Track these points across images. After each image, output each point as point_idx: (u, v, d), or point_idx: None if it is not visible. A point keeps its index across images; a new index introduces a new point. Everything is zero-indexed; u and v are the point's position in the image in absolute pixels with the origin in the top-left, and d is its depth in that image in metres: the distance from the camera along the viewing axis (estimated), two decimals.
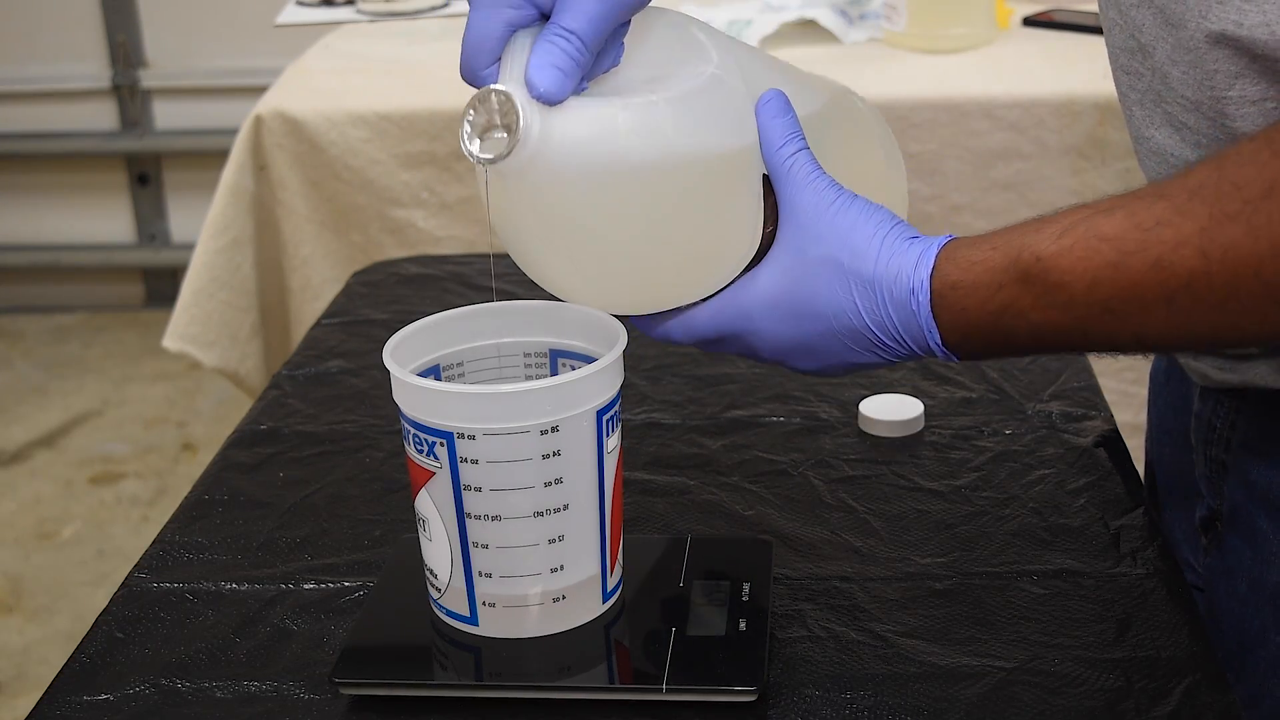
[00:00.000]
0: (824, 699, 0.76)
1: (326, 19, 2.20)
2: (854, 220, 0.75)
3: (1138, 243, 0.67)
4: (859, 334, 0.75)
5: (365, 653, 0.79)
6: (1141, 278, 0.67)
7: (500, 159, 0.73)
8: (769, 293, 0.77)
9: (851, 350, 0.76)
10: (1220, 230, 0.65)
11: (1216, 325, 0.67)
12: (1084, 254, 0.68)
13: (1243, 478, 0.89)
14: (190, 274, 1.78)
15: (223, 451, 1.05)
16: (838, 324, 0.75)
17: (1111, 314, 0.68)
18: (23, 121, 3.36)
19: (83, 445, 2.88)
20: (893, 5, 1.87)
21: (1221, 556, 0.92)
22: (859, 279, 0.74)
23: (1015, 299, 0.71)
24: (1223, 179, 0.65)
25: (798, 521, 0.93)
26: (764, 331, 0.77)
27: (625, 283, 0.79)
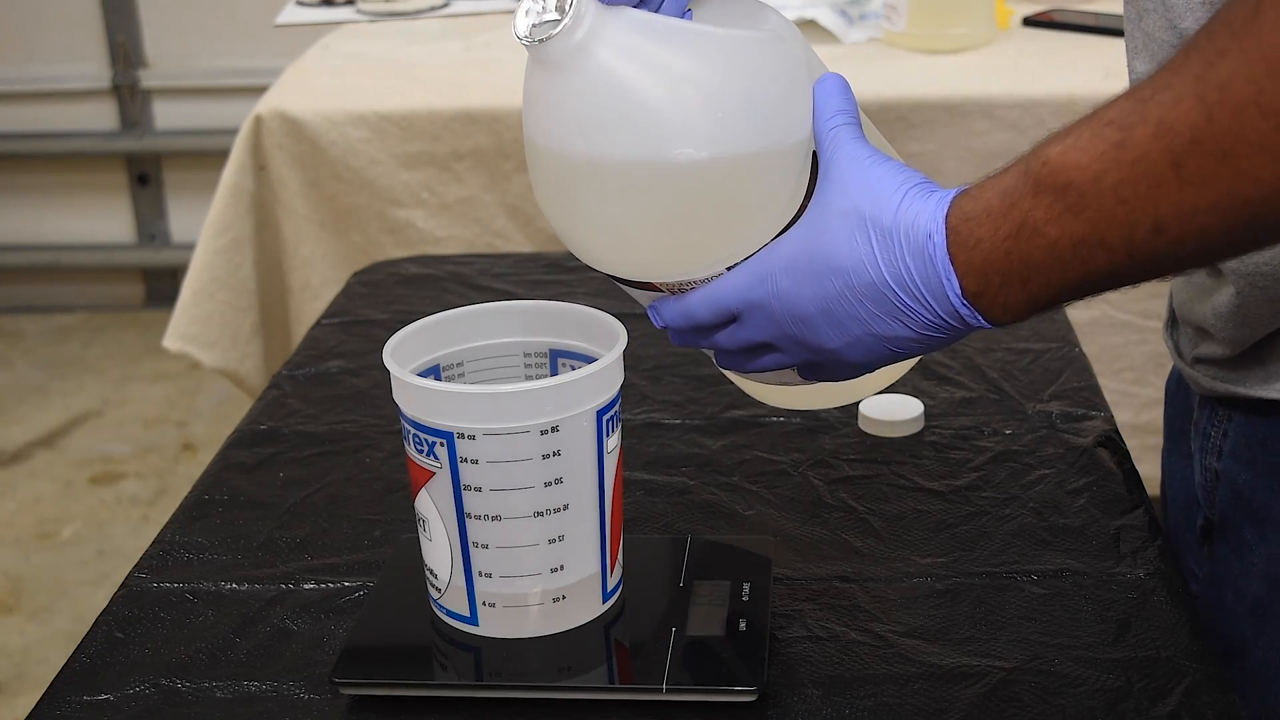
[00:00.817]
0: (824, 699, 0.76)
1: (326, 19, 2.20)
2: (881, 174, 0.73)
3: (1138, 114, 0.64)
4: (877, 291, 0.71)
5: (365, 653, 0.79)
6: (1146, 148, 0.63)
7: (550, 39, 0.70)
8: (791, 249, 0.74)
9: (873, 316, 0.72)
10: (1213, 72, 0.62)
11: (1233, 189, 0.63)
12: (1089, 143, 0.65)
13: (1231, 487, 0.89)
14: (190, 274, 1.78)
15: (223, 451, 1.05)
16: (856, 279, 0.71)
17: (1124, 203, 0.65)
18: (23, 121, 3.36)
19: (83, 445, 2.87)
20: (893, 5, 1.87)
21: (1214, 565, 0.92)
22: (878, 228, 0.71)
23: (1028, 214, 0.67)
24: (1212, 24, 0.63)
25: (798, 521, 0.93)
26: (784, 293, 0.74)
27: (649, 232, 0.74)
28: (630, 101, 0.70)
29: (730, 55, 0.72)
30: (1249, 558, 0.88)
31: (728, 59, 0.72)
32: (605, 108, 0.71)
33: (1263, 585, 0.87)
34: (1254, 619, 0.88)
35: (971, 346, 1.14)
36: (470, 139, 1.76)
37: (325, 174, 1.78)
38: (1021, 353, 1.13)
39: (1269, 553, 0.87)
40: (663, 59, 0.70)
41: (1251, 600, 0.88)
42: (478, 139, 1.76)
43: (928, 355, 1.12)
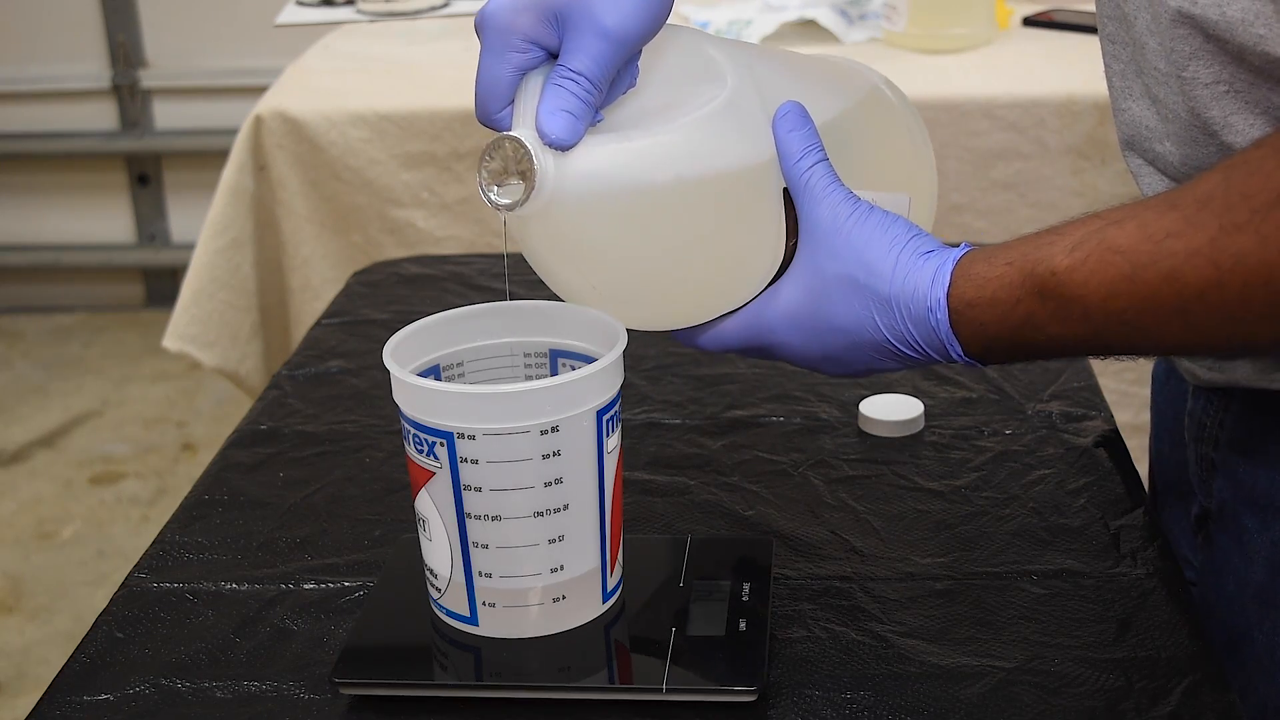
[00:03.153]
0: (824, 699, 0.76)
1: (326, 19, 2.21)
2: (869, 236, 0.76)
3: (1150, 255, 0.67)
4: (881, 347, 0.77)
5: (365, 653, 0.79)
6: (1155, 290, 0.67)
7: (519, 205, 0.74)
8: (790, 308, 0.78)
9: (876, 359, 0.78)
10: (1230, 240, 0.65)
11: (1232, 334, 0.68)
12: (1098, 267, 0.69)
13: (1230, 476, 0.90)
14: (190, 274, 1.78)
15: (223, 451, 1.05)
16: (860, 338, 0.77)
17: (1127, 325, 0.69)
18: (23, 121, 3.36)
19: (83, 445, 2.88)
20: (893, 5, 1.87)
21: (1212, 554, 0.93)
22: (876, 297, 0.75)
23: (1032, 313, 0.72)
24: (1230, 189, 0.66)
25: (798, 521, 0.93)
26: (789, 344, 0.79)
27: (654, 304, 0.81)
28: (604, 239, 0.77)
29: (690, 152, 0.75)
30: (1251, 545, 0.88)
31: (690, 157, 0.75)
32: (582, 248, 0.78)
33: (1266, 572, 0.88)
34: (1259, 605, 0.89)
35: None
36: (470, 139, 1.76)
37: (325, 174, 1.78)
38: None
39: (1272, 539, 0.87)
40: (627, 188, 0.75)
41: (1256, 587, 0.88)
42: (478, 139, 1.76)
43: None
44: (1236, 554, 0.90)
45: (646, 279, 0.79)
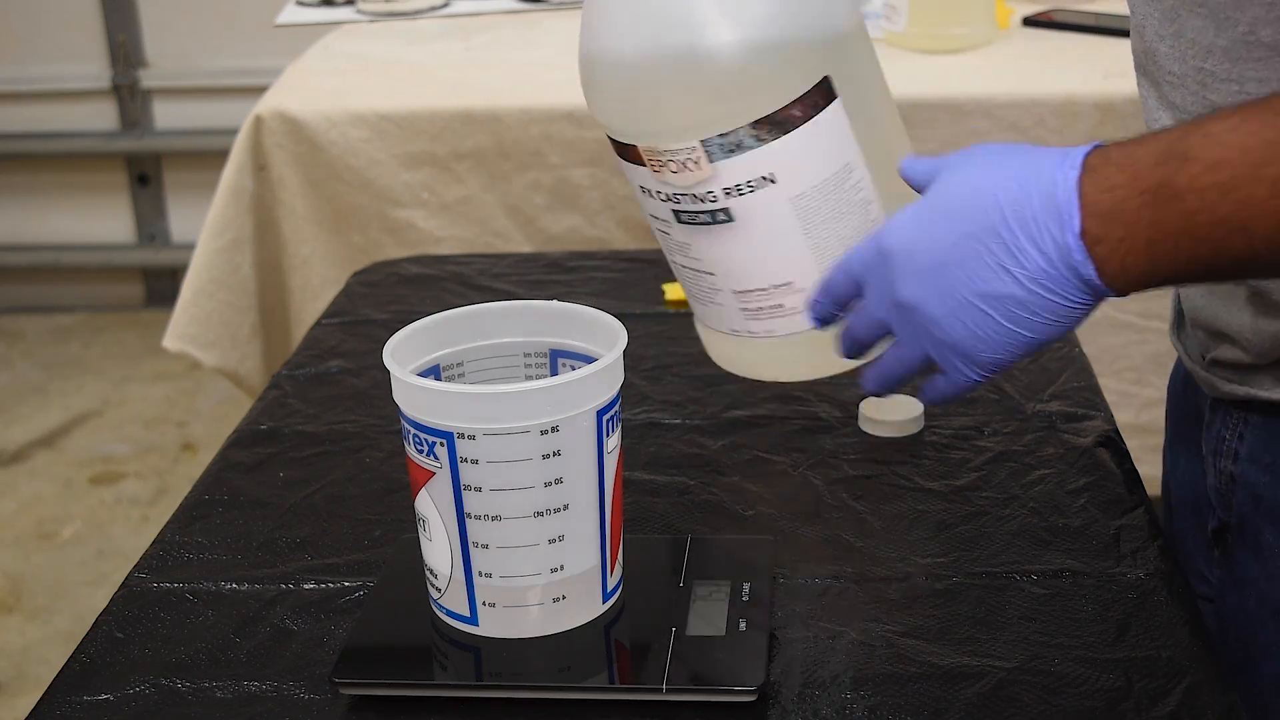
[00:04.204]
0: (824, 699, 0.76)
1: (326, 19, 2.20)
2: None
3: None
4: (994, 230, 0.71)
5: (365, 653, 0.79)
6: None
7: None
8: (911, 208, 0.77)
9: (983, 265, 0.72)
10: None
11: None
12: (1258, 129, 0.65)
13: (1250, 491, 0.89)
14: (190, 274, 1.78)
15: (223, 451, 1.05)
16: (974, 221, 0.72)
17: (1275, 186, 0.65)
18: (23, 121, 3.36)
19: (83, 445, 2.88)
20: (893, 5, 1.87)
21: (1230, 569, 0.92)
22: (1010, 155, 0.73)
23: (1173, 176, 0.67)
24: None
25: (798, 521, 0.93)
26: (899, 247, 0.75)
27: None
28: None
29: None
30: (1274, 561, 0.87)
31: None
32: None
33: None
34: (1278, 622, 0.88)
35: None
36: (470, 139, 1.76)
37: (325, 174, 1.78)
38: None
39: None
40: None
41: (1276, 604, 0.87)
42: (478, 139, 1.76)
43: None
44: (1258, 570, 0.89)
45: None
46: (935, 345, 0.76)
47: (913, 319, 0.76)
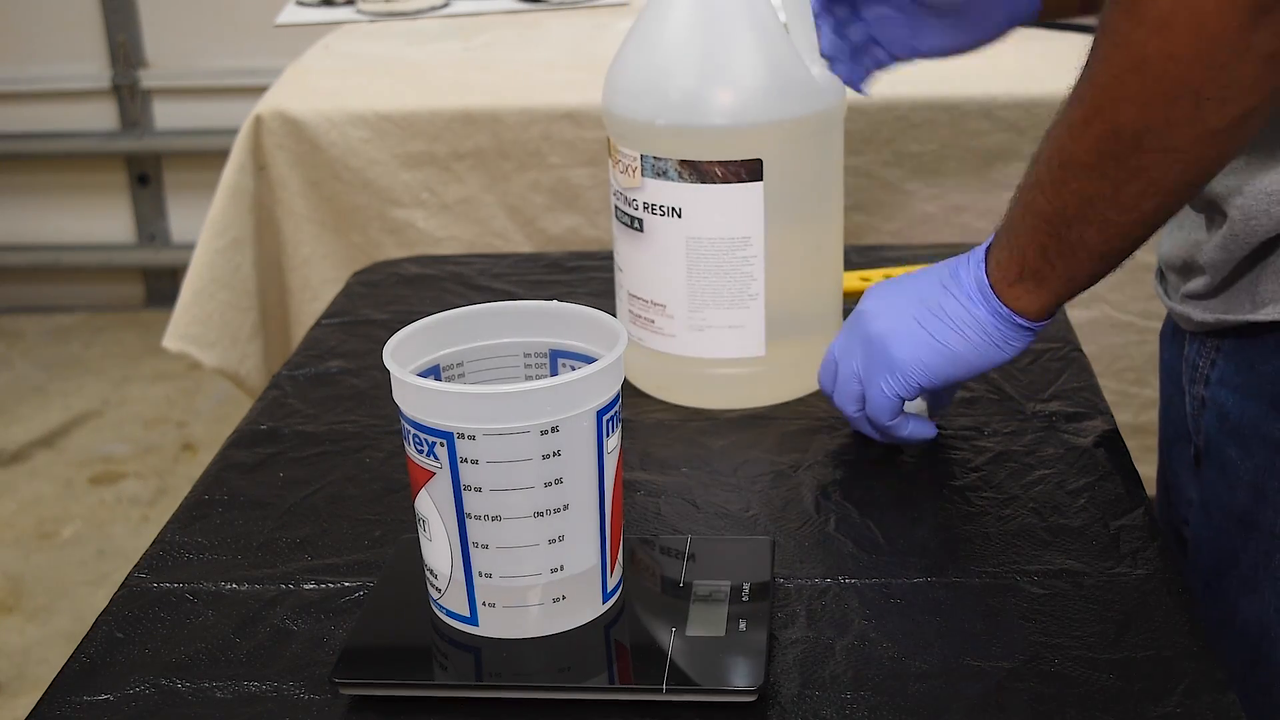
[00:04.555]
0: (824, 699, 0.76)
1: (326, 19, 2.20)
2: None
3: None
4: (944, 262, 0.93)
5: (365, 653, 0.79)
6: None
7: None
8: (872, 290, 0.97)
9: (930, 285, 0.92)
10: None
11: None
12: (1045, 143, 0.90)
13: (1217, 411, 0.95)
14: (190, 274, 1.78)
15: (223, 451, 1.05)
16: (930, 271, 0.94)
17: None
18: (23, 121, 3.36)
19: (83, 445, 2.88)
20: None
21: (1201, 489, 0.98)
22: (933, 269, 0.94)
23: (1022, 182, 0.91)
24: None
25: (798, 521, 0.93)
26: (872, 290, 0.96)
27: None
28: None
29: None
30: (1234, 474, 0.93)
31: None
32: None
33: (1249, 496, 0.92)
34: (1241, 528, 0.93)
35: None
36: (470, 139, 1.76)
37: (325, 174, 1.78)
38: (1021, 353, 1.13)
39: (1254, 465, 0.92)
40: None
41: (1239, 512, 0.93)
42: (478, 139, 1.76)
43: None
44: (1222, 485, 0.94)
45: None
46: (864, 346, 0.95)
47: (857, 322, 0.96)
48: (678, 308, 1.05)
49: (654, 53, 1.03)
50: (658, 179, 1.02)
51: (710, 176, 1.01)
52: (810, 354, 1.09)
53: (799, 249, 1.06)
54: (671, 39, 1.02)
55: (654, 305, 1.06)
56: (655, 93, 1.01)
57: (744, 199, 1.02)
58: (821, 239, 1.08)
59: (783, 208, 1.02)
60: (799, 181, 1.03)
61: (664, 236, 1.03)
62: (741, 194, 1.01)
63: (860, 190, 1.72)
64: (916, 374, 0.92)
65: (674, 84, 1.01)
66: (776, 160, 1.01)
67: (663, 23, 1.02)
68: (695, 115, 1.00)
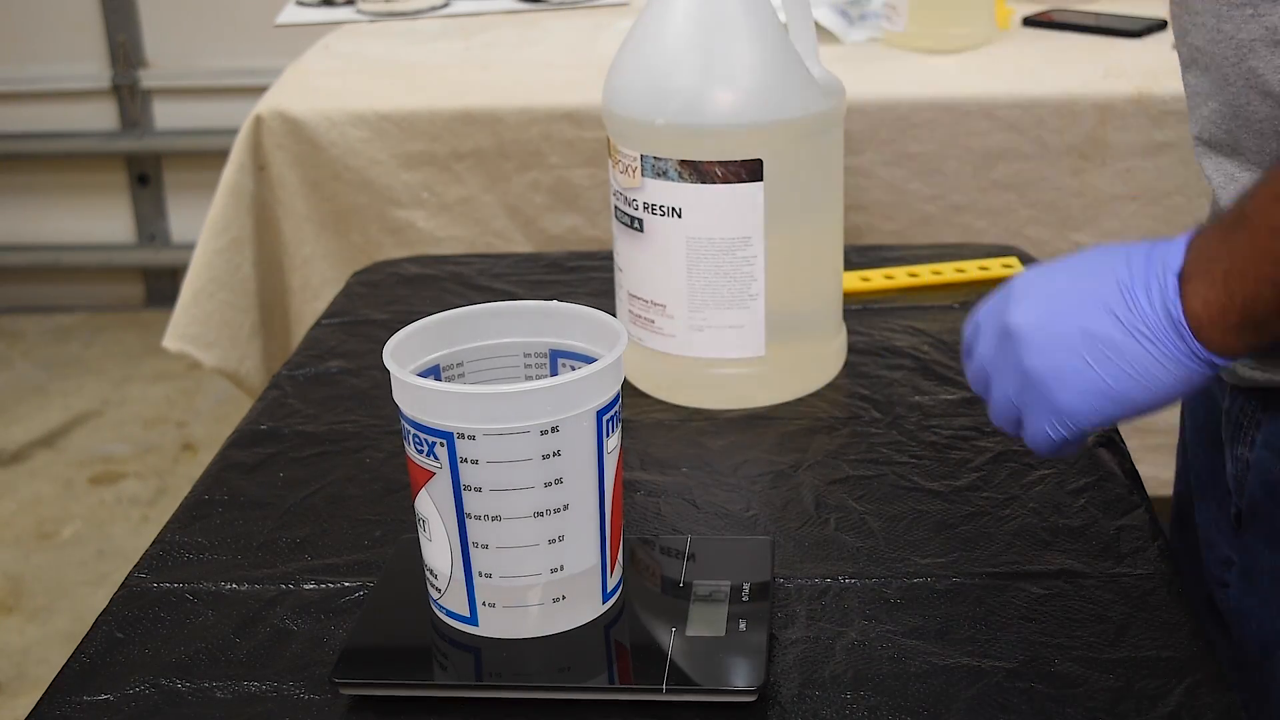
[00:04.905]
0: (824, 699, 0.76)
1: (326, 19, 2.20)
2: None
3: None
4: (1113, 273, 0.74)
5: (365, 653, 0.79)
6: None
7: None
8: (1027, 272, 0.79)
9: (1093, 303, 0.74)
10: None
11: None
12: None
13: (1262, 477, 0.89)
14: (190, 274, 1.78)
15: (223, 451, 1.05)
16: (1098, 265, 0.75)
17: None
18: (23, 121, 3.36)
19: (83, 445, 2.88)
20: (893, 5, 1.87)
21: (1244, 555, 0.92)
22: (1134, 244, 0.76)
23: (1242, 206, 0.72)
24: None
25: (798, 521, 0.93)
26: (1020, 282, 0.78)
27: None
28: None
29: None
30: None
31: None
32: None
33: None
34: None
35: None
36: (470, 139, 1.76)
37: (325, 174, 1.78)
38: None
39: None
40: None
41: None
42: (478, 139, 1.76)
43: (930, 357, 1.12)
44: (1268, 553, 0.89)
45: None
46: (1021, 379, 0.77)
47: (1011, 348, 0.77)
48: (678, 308, 1.05)
49: (654, 53, 1.03)
50: (658, 179, 1.02)
51: (710, 176, 1.01)
52: (810, 354, 1.09)
53: (799, 249, 1.06)
54: (671, 39, 1.02)
55: (654, 305, 1.06)
56: (655, 93, 1.01)
57: (744, 199, 1.02)
58: (821, 239, 1.08)
59: (783, 208, 1.02)
60: (799, 181, 1.03)
61: (664, 236, 1.03)
62: (741, 194, 1.01)
63: (860, 190, 1.72)
64: (1088, 420, 0.76)
65: (674, 84, 1.01)
66: (776, 160, 1.01)
67: (663, 23, 1.02)
68: (695, 115, 1.00)
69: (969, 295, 1.24)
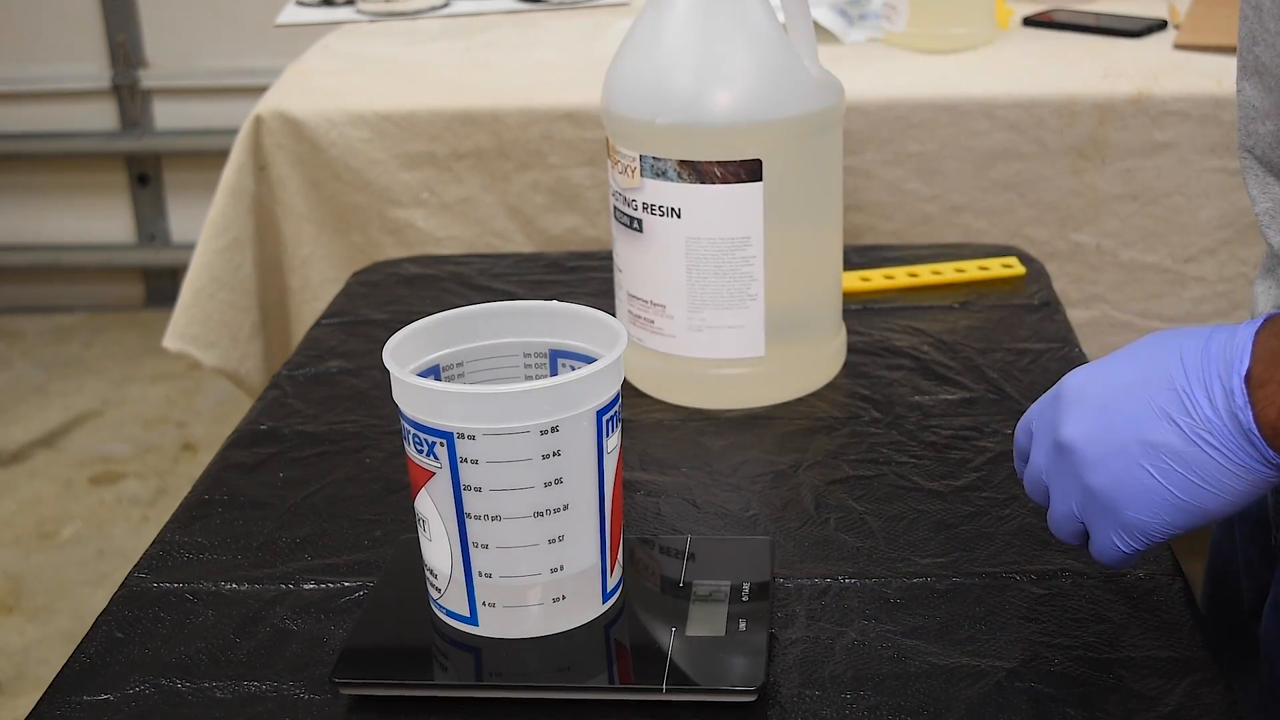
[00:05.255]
0: (824, 699, 0.76)
1: (326, 19, 2.20)
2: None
3: None
4: (1168, 375, 0.68)
5: (365, 653, 0.79)
6: None
7: None
8: (1103, 358, 0.74)
9: (1150, 410, 0.69)
10: None
11: None
12: None
13: None
14: (190, 274, 1.78)
15: (223, 451, 1.05)
16: (1152, 366, 0.69)
17: None
18: (23, 121, 3.36)
19: (83, 445, 2.88)
20: (893, 5, 1.87)
21: (1275, 587, 0.91)
22: (1180, 335, 0.71)
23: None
24: None
25: (798, 521, 0.93)
26: (1072, 385, 0.73)
27: None
28: None
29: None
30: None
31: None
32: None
33: None
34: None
35: (971, 347, 1.14)
36: (470, 139, 1.76)
37: (325, 174, 1.78)
38: (1021, 353, 1.13)
39: None
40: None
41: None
42: (478, 139, 1.76)
43: (930, 357, 1.12)
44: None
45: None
46: (1083, 494, 0.73)
47: (1068, 461, 0.73)
48: (677, 308, 1.05)
49: (654, 53, 1.03)
50: (657, 179, 1.02)
51: (710, 177, 1.01)
52: (810, 354, 1.09)
53: (799, 249, 1.06)
54: (671, 39, 1.02)
55: (654, 305, 1.06)
56: (655, 93, 1.01)
57: (744, 199, 1.02)
58: (821, 239, 1.08)
59: (782, 208, 1.02)
60: (799, 181, 1.03)
61: (663, 237, 1.04)
62: (741, 194, 1.01)
63: (860, 190, 1.72)
64: (1159, 533, 0.72)
65: (674, 84, 1.01)
66: (776, 160, 1.01)
67: (662, 22, 1.02)
68: (695, 115, 1.00)
69: (969, 295, 1.24)
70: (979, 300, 1.23)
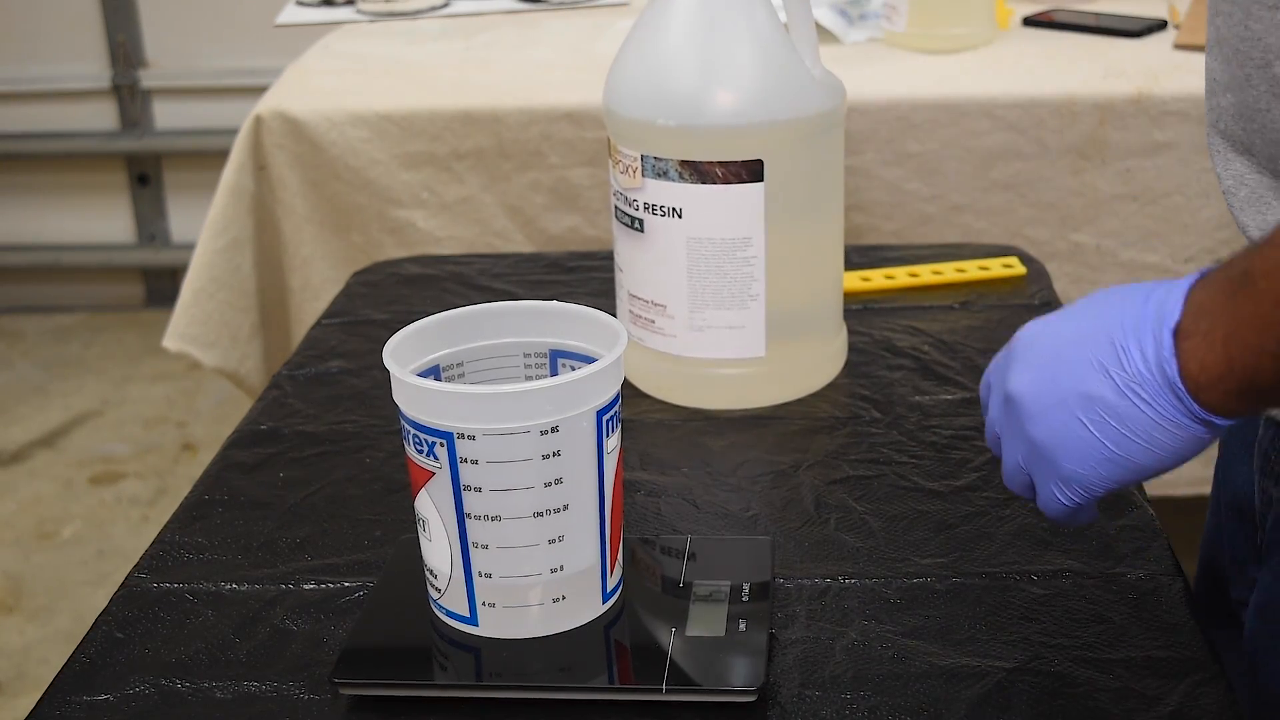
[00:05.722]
0: (824, 699, 0.76)
1: (326, 19, 2.20)
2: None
3: None
4: (1107, 330, 0.69)
5: (365, 653, 0.79)
6: None
7: None
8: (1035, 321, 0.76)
9: (1089, 364, 0.70)
10: None
11: None
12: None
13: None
14: (190, 274, 1.78)
15: (223, 451, 1.05)
16: (1095, 320, 0.70)
17: None
18: (23, 121, 3.36)
19: (83, 445, 2.88)
20: (893, 5, 1.87)
21: (1259, 590, 0.91)
22: (1132, 290, 0.71)
23: (1250, 262, 0.65)
24: None
25: (798, 521, 0.93)
26: (1023, 339, 0.74)
27: None
28: None
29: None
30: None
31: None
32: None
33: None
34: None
35: (972, 347, 1.14)
36: (470, 139, 1.76)
37: (325, 174, 1.78)
38: None
39: None
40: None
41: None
42: (478, 139, 1.76)
43: (931, 357, 1.12)
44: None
45: None
46: (1027, 446, 0.74)
47: (1014, 413, 0.74)
48: (678, 308, 1.05)
49: (654, 53, 1.03)
50: (658, 179, 1.02)
51: (711, 177, 1.01)
52: (810, 354, 1.09)
53: (799, 249, 1.06)
54: (672, 39, 1.02)
55: (654, 305, 1.06)
56: (655, 93, 1.01)
57: (744, 199, 1.02)
58: (821, 239, 1.08)
59: (783, 208, 1.02)
60: (799, 182, 1.03)
61: (664, 237, 1.04)
62: (742, 194, 1.02)
63: (860, 190, 1.72)
64: (1096, 486, 0.72)
65: (674, 84, 1.01)
66: (777, 160, 1.01)
67: (663, 23, 1.02)
68: (696, 115, 1.00)
69: (969, 295, 1.24)
70: (979, 300, 1.23)
